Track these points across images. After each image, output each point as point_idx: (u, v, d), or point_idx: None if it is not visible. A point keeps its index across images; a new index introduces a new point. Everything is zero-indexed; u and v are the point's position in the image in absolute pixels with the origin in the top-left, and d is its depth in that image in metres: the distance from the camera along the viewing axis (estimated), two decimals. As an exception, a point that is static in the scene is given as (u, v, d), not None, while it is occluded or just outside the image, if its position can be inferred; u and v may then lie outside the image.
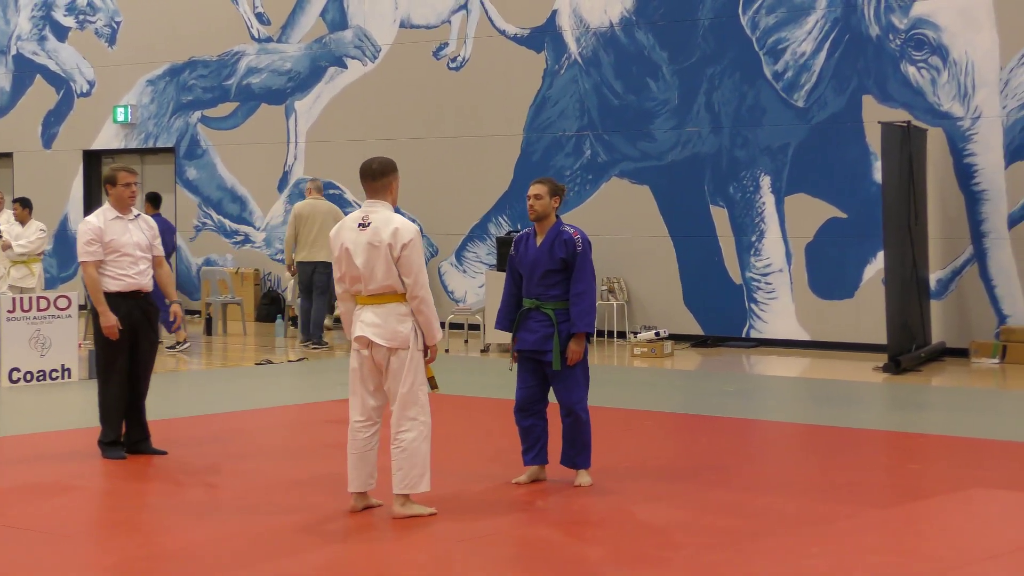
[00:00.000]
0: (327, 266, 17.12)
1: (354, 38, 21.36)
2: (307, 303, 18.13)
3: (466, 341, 18.59)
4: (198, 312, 21.99)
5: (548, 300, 8.89)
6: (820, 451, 10.49)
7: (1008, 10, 16.21)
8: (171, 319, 10.32)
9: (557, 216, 8.98)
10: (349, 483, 7.94)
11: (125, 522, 8.19)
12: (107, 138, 24.04)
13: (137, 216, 10.10)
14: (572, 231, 8.91)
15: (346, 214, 21.34)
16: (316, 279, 17.98)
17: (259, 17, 22.41)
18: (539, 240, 8.91)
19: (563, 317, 8.89)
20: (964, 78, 16.47)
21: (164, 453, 10.03)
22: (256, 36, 22.44)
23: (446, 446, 9.53)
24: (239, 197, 22.72)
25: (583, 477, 8.81)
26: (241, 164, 22.63)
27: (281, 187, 22.23)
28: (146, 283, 9.95)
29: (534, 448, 8.85)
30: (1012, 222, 16.23)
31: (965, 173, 16.49)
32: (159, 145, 23.47)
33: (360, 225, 7.97)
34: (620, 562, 6.96)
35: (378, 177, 8.12)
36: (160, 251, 10.17)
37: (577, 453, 8.84)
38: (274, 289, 22.27)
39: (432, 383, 8.15)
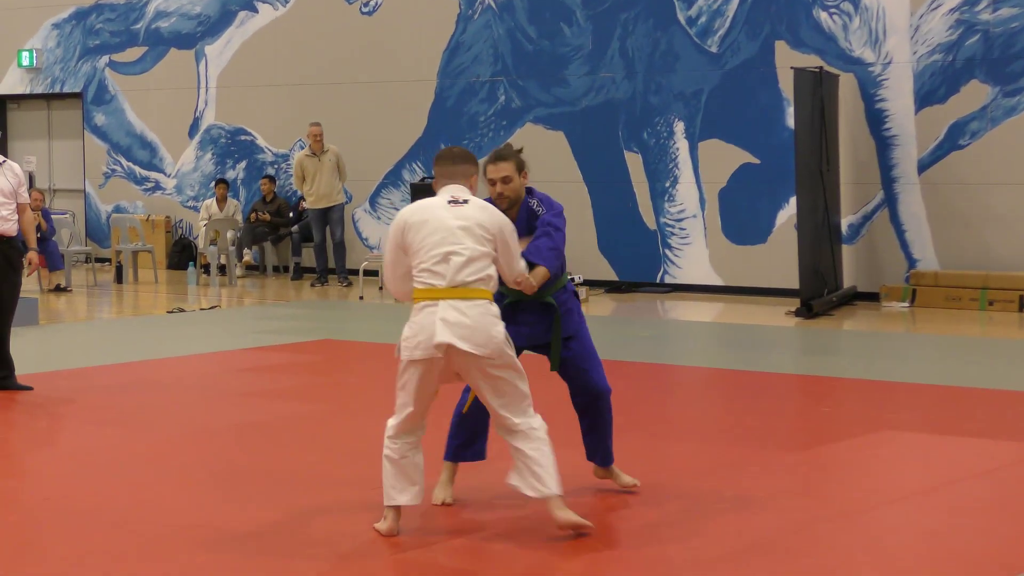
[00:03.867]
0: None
1: (265, -18, 21.14)
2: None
3: (380, 288, 18.54)
4: (108, 260, 21.79)
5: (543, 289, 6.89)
6: (733, 395, 10.60)
7: (919, -44, 16.37)
8: (28, 263, 10.46)
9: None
10: (394, 497, 6.46)
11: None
12: (12, 83, 23.68)
13: (3, 163, 10.30)
14: (534, 201, 6.89)
15: (257, 160, 21.31)
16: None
17: (168, -40, 22.11)
18: None
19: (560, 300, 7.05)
20: (875, 24, 16.60)
21: (30, 389, 10.29)
22: (165, -20, 22.15)
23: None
24: (149, 143, 22.48)
25: (624, 477, 7.27)
26: (151, 110, 22.38)
27: (192, 133, 22.02)
28: (9, 228, 10.18)
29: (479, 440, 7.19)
30: (922, 167, 16.42)
31: (876, 119, 16.65)
32: (66, 90, 23.14)
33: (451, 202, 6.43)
34: (523, 504, 7.00)
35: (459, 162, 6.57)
36: (25, 198, 10.37)
37: (608, 444, 7.24)
38: (186, 236, 22.10)
39: None
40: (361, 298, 17.62)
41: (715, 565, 5.95)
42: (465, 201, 6.40)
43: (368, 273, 18.78)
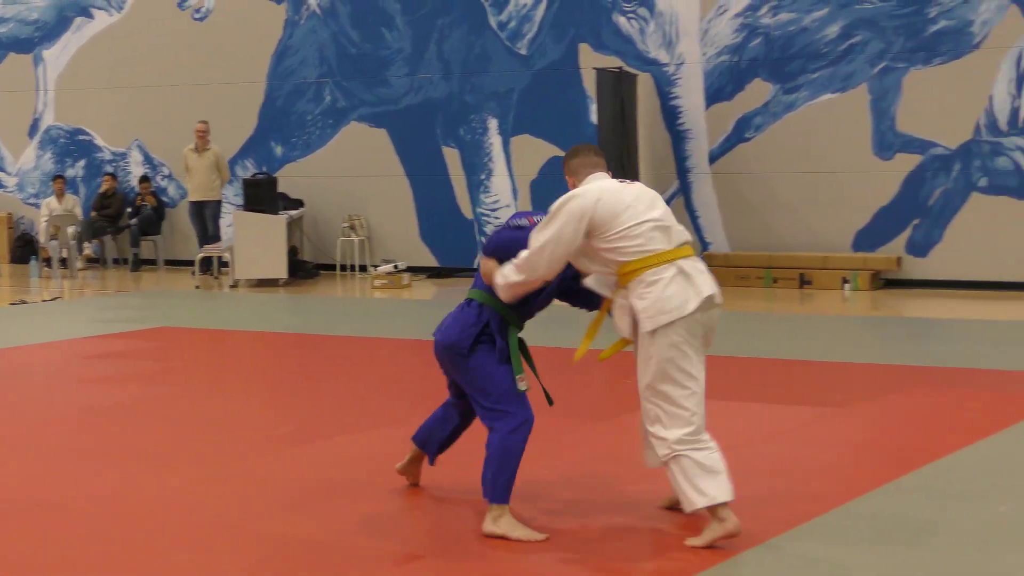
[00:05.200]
0: None
1: (100, -11, 20.70)
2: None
3: (216, 276, 18.30)
4: (-47, 255, 21.16)
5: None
6: (551, 371, 10.64)
7: (707, -34, 16.63)
8: None
9: None
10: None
11: None
12: None
13: None
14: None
15: (95, 158, 20.84)
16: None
17: (5, -31, 21.53)
18: None
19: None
20: (669, 28, 16.83)
21: None
22: (2, -13, 21.56)
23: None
24: (-10, 143, 21.88)
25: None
26: (-9, 112, 21.79)
27: (32, 133, 21.50)
28: None
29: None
30: (712, 158, 16.70)
31: (671, 114, 16.89)
32: (-92, 94, 22.39)
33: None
34: (334, 483, 6.97)
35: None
36: None
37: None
38: (27, 232, 21.58)
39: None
40: (197, 287, 17.37)
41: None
42: (631, 182, 6.13)
43: (205, 262, 18.53)
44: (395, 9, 18.48)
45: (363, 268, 18.61)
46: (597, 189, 5.93)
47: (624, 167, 16.06)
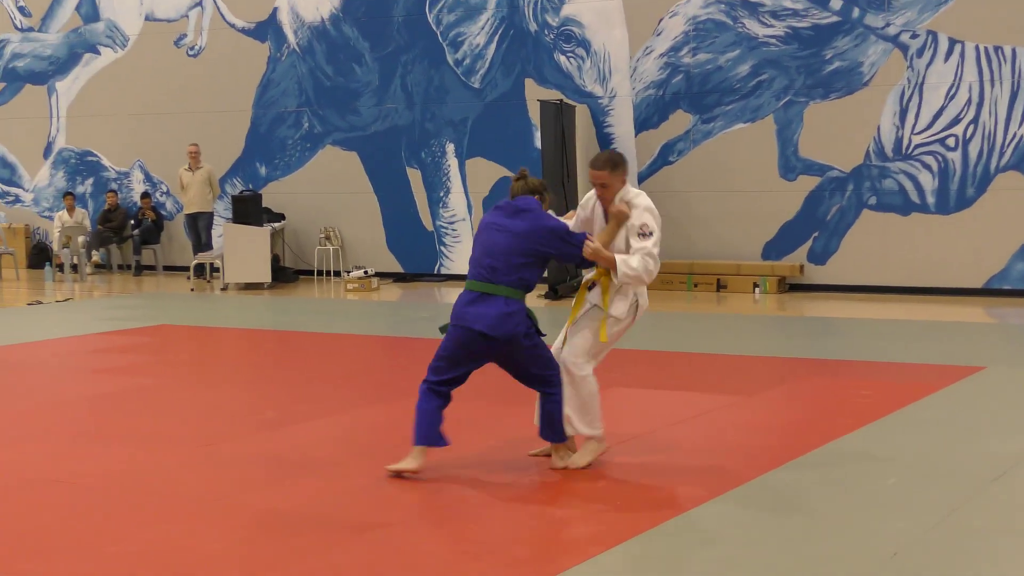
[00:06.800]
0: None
1: (105, 29, 20.54)
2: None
3: (208, 280, 18.19)
4: (-25, 262, 20.91)
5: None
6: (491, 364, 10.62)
7: (634, 12, 16.67)
8: None
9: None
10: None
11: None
12: None
13: None
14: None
15: (102, 177, 20.66)
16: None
17: (21, 10, 21.33)
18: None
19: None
20: (603, 65, 16.87)
21: None
22: (19, 26, 21.35)
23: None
24: (9, 164, 21.66)
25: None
26: (10, 136, 21.56)
27: (46, 155, 21.31)
28: None
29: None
30: (641, 179, 16.75)
31: (605, 141, 16.93)
32: (-64, 119, 22.12)
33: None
34: (290, 462, 6.94)
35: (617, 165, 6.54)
36: None
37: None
38: (42, 241, 21.40)
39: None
40: (192, 290, 17.26)
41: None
42: None
43: (199, 268, 18.42)
44: (364, 47, 18.44)
45: (337, 273, 18.54)
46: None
47: (564, 187, 16.09)
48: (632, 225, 6.32)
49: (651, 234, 6.25)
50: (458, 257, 17.95)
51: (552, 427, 6.36)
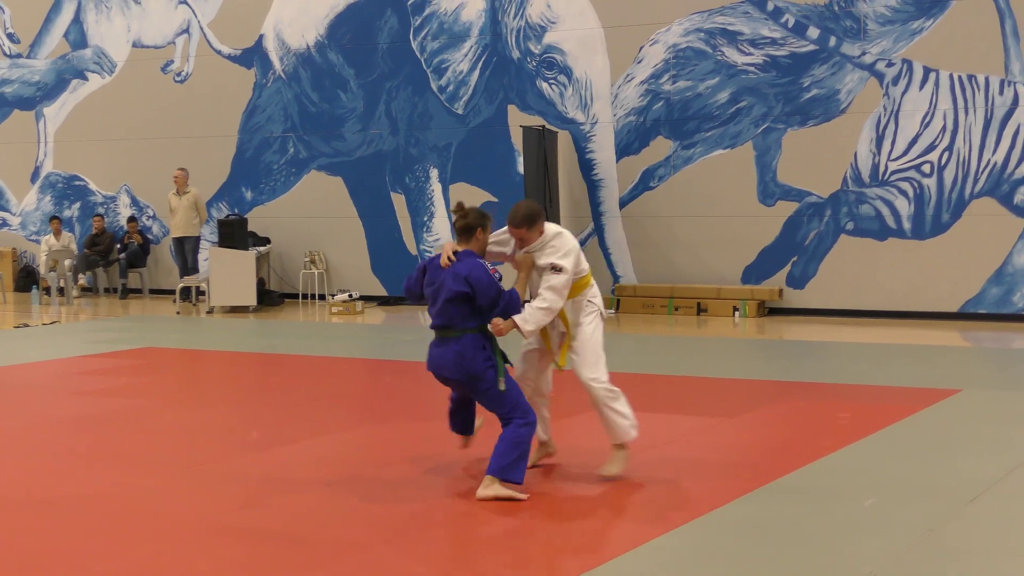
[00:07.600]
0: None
1: (93, 55, 20.52)
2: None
3: (194, 303, 18.14)
4: (-38, 285, 20.81)
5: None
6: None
7: (616, 40, 16.73)
8: None
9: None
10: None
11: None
12: None
13: None
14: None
15: (89, 201, 20.61)
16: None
17: (10, 37, 21.31)
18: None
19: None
20: (584, 92, 16.92)
21: None
22: (8, 53, 21.32)
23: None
24: (-4, 188, 21.61)
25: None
26: (-3, 160, 21.52)
27: (34, 179, 21.26)
28: None
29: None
30: (622, 204, 16.79)
31: (587, 166, 16.96)
32: (-76, 144, 22.05)
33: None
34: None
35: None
36: None
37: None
38: (29, 264, 21.31)
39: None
40: (178, 313, 17.21)
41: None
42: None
43: (185, 291, 18.37)
44: (349, 74, 18.46)
45: (322, 297, 18.52)
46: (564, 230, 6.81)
47: (547, 211, 16.12)
48: (542, 266, 6.65)
49: (561, 270, 6.54)
50: (442, 281, 17.91)
51: (496, 457, 6.28)
